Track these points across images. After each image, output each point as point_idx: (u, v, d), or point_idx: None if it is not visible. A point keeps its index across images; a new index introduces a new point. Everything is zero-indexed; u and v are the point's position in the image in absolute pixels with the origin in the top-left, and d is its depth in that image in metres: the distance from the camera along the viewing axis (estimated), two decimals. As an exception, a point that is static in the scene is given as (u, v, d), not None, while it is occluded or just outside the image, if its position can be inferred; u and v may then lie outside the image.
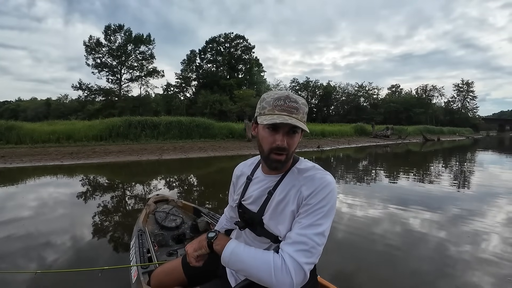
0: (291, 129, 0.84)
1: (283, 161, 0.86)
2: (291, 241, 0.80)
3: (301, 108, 0.85)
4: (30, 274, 2.04)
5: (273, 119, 0.80)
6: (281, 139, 0.83)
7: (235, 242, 0.88)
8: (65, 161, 8.52)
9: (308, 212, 0.82)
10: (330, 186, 0.84)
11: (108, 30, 32.40)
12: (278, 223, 0.88)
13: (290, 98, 0.84)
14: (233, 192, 1.12)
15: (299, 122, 0.82)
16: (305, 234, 0.78)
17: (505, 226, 3.34)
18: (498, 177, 6.76)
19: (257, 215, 0.93)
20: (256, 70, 36.20)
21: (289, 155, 0.87)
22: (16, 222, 3.38)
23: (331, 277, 2.09)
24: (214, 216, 2.17)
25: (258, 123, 0.87)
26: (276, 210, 0.89)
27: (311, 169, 0.89)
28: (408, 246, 2.80)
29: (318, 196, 0.82)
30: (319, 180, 0.84)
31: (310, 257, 0.77)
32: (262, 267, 0.78)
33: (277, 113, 0.82)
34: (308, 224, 0.80)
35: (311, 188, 0.84)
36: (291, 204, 0.86)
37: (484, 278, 2.19)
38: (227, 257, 0.85)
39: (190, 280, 1.15)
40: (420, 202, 4.36)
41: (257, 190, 0.96)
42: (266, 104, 0.86)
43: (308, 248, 0.77)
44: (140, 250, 1.67)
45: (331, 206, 0.83)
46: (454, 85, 55.77)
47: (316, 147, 14.74)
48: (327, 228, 0.82)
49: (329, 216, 0.82)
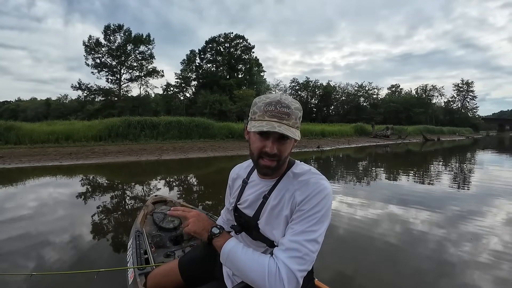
0: (281, 136, 0.80)
1: (273, 167, 0.84)
2: (284, 248, 0.79)
3: (293, 114, 0.81)
4: (25, 276, 2.02)
5: (261, 126, 0.78)
6: (270, 146, 0.81)
7: (235, 241, 0.87)
8: (64, 161, 8.49)
9: (301, 218, 0.80)
10: (325, 192, 0.82)
11: (107, 30, 32.33)
12: (273, 228, 0.87)
13: (282, 103, 0.81)
14: (229, 194, 1.11)
15: (289, 130, 0.78)
16: (298, 241, 0.77)
17: (506, 225, 3.32)
18: (499, 177, 6.73)
19: (253, 219, 0.92)
20: (256, 70, 36.11)
21: (281, 161, 0.85)
22: (13, 223, 3.35)
23: (329, 279, 2.07)
24: (212, 217, 2.14)
25: (247, 129, 0.85)
26: (271, 215, 0.88)
27: (306, 173, 0.88)
28: (409, 245, 2.78)
29: (311, 202, 0.81)
30: (313, 185, 0.83)
31: (303, 264, 0.76)
32: (256, 270, 0.77)
33: (267, 119, 0.80)
34: (300, 231, 0.79)
35: (305, 194, 0.82)
36: (285, 209, 0.85)
37: (485, 278, 2.17)
38: (225, 254, 0.84)
39: (187, 282, 1.14)
40: (421, 202, 4.33)
41: (252, 194, 0.95)
42: (257, 109, 0.83)
43: (301, 255, 0.76)
44: (137, 251, 1.65)
45: (325, 212, 0.81)
46: (454, 85, 55.94)
47: (316, 147, 14.72)
48: (321, 234, 0.80)
49: (323, 222, 0.81)
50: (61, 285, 2.00)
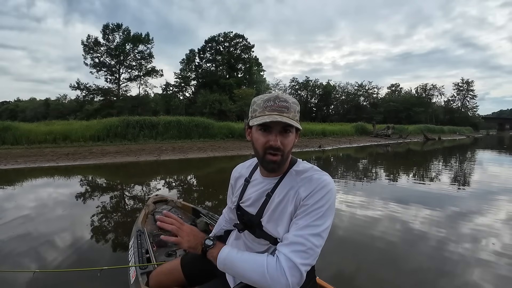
0: (284, 128, 0.83)
1: (278, 161, 0.85)
2: (288, 242, 0.79)
3: (291, 107, 0.84)
4: (28, 274, 2.03)
5: (264, 119, 0.81)
6: (274, 139, 0.82)
7: (229, 248, 0.89)
8: (61, 162, 8.34)
9: (306, 213, 0.81)
10: (328, 187, 0.83)
11: (106, 29, 32.16)
12: (277, 225, 0.88)
13: (280, 98, 0.85)
14: (231, 194, 1.13)
15: (291, 120, 0.81)
16: (302, 235, 0.78)
17: (506, 224, 3.30)
18: (500, 176, 6.63)
19: (256, 217, 0.93)
20: (256, 70, 36.00)
21: (285, 155, 0.86)
22: (13, 224, 3.32)
23: (330, 278, 2.01)
24: (213, 216, 2.19)
25: (250, 125, 0.88)
26: (274, 212, 0.89)
27: (309, 170, 0.89)
28: (409, 245, 2.76)
29: (315, 197, 0.82)
30: (317, 181, 0.84)
31: (306, 258, 0.77)
32: (255, 269, 0.78)
33: (267, 113, 0.83)
34: (305, 225, 0.80)
35: (309, 189, 0.84)
36: (289, 205, 0.86)
37: (485, 277, 2.14)
38: (221, 262, 0.85)
39: (189, 280, 1.14)
40: (424, 201, 4.27)
41: (255, 192, 0.96)
42: (256, 106, 0.86)
43: (305, 249, 0.77)
44: (138, 251, 1.67)
45: (329, 207, 0.82)
46: (454, 84, 56.05)
47: (317, 147, 14.58)
48: (325, 229, 0.81)
49: (327, 217, 0.81)
50: (64, 283, 2.01)
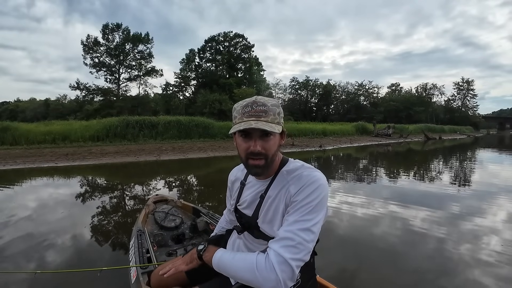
0: (263, 133, 0.83)
1: (262, 165, 0.86)
2: (278, 238, 0.80)
3: (270, 110, 0.84)
4: (29, 274, 2.04)
5: (239, 126, 0.81)
6: (254, 144, 0.83)
7: (222, 250, 0.92)
8: (60, 162, 8.29)
9: (295, 208, 0.82)
10: (318, 182, 0.83)
11: (105, 29, 32.04)
12: (273, 225, 0.89)
13: (257, 103, 0.84)
14: (229, 196, 1.15)
15: (267, 125, 0.81)
16: (291, 230, 0.79)
17: (506, 224, 3.28)
18: (500, 176, 6.58)
19: (252, 218, 0.95)
20: (256, 69, 35.89)
21: (269, 158, 0.86)
22: (13, 224, 3.32)
23: (331, 276, 1.98)
24: (213, 216, 2.19)
25: (232, 132, 0.88)
26: (268, 213, 0.90)
27: (299, 168, 0.90)
28: (410, 243, 2.75)
29: (304, 192, 0.82)
30: (306, 177, 0.85)
31: (297, 253, 0.76)
32: (246, 267, 0.79)
33: (245, 119, 0.83)
34: (294, 220, 0.80)
35: (298, 186, 0.84)
36: (281, 204, 0.87)
37: (485, 277, 2.13)
38: (215, 265, 0.88)
39: (190, 279, 1.15)
40: (425, 200, 4.24)
41: (250, 194, 0.98)
42: (236, 113, 0.87)
43: (294, 244, 0.77)
44: (139, 251, 1.66)
45: (319, 202, 0.82)
46: (454, 83, 55.94)
47: (318, 147, 14.52)
48: (315, 223, 0.80)
49: (317, 212, 0.81)
50: (65, 283, 2.01)
